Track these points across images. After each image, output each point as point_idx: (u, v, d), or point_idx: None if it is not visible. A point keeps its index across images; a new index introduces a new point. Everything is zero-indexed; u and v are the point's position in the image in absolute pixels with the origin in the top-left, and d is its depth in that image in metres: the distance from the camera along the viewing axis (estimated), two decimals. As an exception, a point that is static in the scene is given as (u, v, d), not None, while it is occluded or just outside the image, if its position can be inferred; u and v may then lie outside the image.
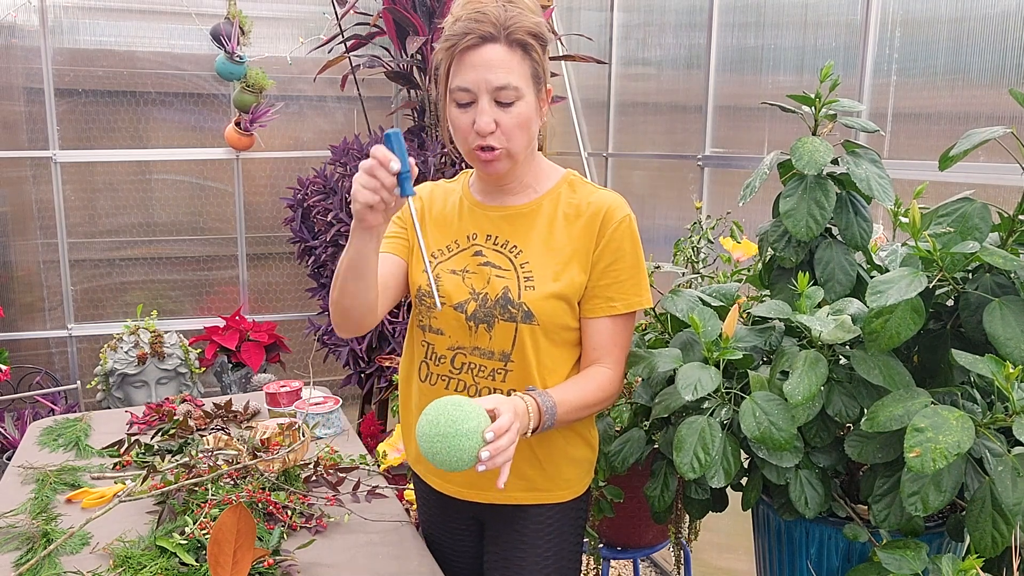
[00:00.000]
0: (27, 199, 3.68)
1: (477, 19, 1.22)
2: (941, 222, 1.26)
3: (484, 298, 1.33)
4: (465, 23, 1.22)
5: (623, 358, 1.38)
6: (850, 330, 1.27)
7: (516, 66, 1.23)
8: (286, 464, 1.67)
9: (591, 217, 1.32)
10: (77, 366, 3.82)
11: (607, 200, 1.34)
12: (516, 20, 1.22)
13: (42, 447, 1.95)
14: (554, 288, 1.31)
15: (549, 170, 1.40)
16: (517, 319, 1.32)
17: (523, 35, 1.23)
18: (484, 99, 1.23)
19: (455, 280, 1.36)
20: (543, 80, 1.29)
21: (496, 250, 1.35)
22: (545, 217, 1.35)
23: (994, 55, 1.75)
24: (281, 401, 2.10)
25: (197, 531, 1.42)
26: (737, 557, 2.59)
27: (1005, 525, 1.12)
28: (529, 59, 1.25)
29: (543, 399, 1.24)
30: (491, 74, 1.22)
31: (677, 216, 2.99)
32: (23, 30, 3.54)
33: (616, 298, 1.33)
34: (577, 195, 1.36)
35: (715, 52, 2.68)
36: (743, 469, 1.41)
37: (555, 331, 1.34)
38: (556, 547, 1.42)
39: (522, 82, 1.24)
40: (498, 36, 1.22)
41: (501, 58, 1.22)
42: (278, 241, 4.04)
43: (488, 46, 1.22)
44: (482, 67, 1.22)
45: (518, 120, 1.25)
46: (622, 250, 1.32)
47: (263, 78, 3.61)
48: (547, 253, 1.33)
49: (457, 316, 1.35)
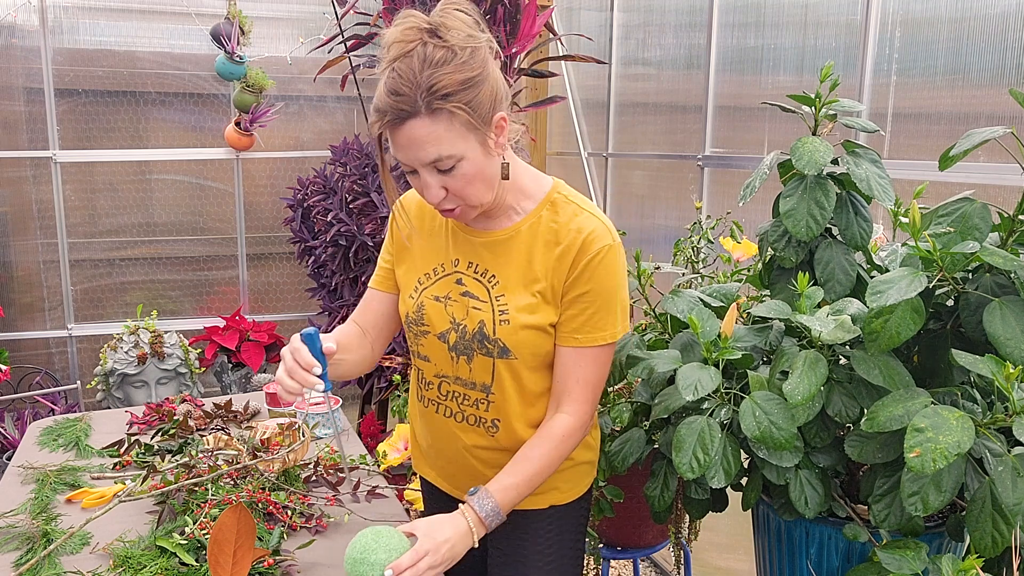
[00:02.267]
0: (27, 199, 3.68)
1: (396, 89, 1.13)
2: (941, 222, 1.26)
3: (463, 330, 1.31)
4: (385, 94, 1.14)
5: (587, 397, 1.31)
6: (850, 330, 1.27)
7: (444, 132, 1.14)
8: (286, 464, 1.67)
9: (568, 246, 1.26)
10: (77, 366, 3.83)
11: (587, 228, 1.26)
12: (434, 80, 1.12)
13: (42, 447, 1.95)
14: (528, 320, 1.27)
15: (533, 186, 1.32)
16: (493, 354, 1.29)
17: (443, 99, 1.12)
18: (423, 172, 1.18)
19: (438, 308, 1.34)
20: (486, 119, 1.18)
21: (476, 279, 1.32)
22: (524, 244, 1.29)
23: (994, 55, 1.75)
24: (281, 401, 2.10)
25: (197, 531, 1.42)
26: (737, 557, 2.59)
27: (1005, 525, 1.12)
28: (458, 116, 1.14)
29: (481, 505, 1.24)
30: (420, 152, 1.15)
31: (677, 216, 2.99)
32: (23, 30, 3.54)
33: (580, 331, 1.28)
34: (559, 218, 1.28)
35: (715, 52, 2.68)
36: (743, 469, 1.40)
37: (534, 360, 1.31)
38: (558, 547, 1.42)
39: (457, 143, 1.15)
40: (418, 109, 1.12)
41: (425, 133, 1.14)
42: (278, 241, 4.04)
43: (410, 122, 1.13)
44: (409, 147, 1.15)
45: (465, 180, 1.19)
46: (594, 282, 1.25)
47: (263, 78, 3.61)
48: (523, 283, 1.28)
49: (440, 345, 1.34)
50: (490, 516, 1.24)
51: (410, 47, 1.13)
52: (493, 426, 1.35)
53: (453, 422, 1.39)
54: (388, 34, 1.15)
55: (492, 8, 2.91)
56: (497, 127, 1.20)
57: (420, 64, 1.12)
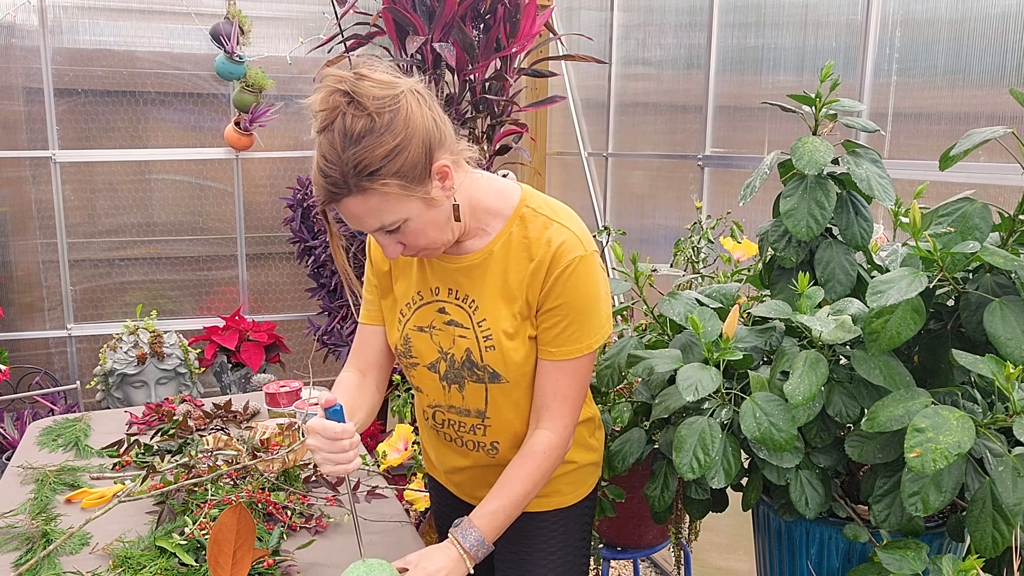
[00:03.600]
0: (27, 199, 3.68)
1: (324, 171, 1.10)
2: (941, 222, 1.26)
3: (452, 359, 1.30)
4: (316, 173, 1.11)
5: (566, 411, 1.29)
6: (850, 330, 1.27)
7: (379, 205, 1.11)
8: (286, 464, 1.67)
9: (540, 261, 1.23)
10: (76, 366, 3.82)
11: (556, 240, 1.22)
12: (358, 159, 1.08)
13: (41, 447, 1.95)
14: (513, 343, 1.26)
15: (500, 203, 1.27)
16: (484, 380, 1.28)
17: (370, 177, 1.09)
18: (375, 235, 1.18)
19: (424, 338, 1.32)
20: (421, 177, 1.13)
21: (457, 305, 1.29)
22: (498, 264, 1.26)
23: (994, 55, 1.75)
24: (281, 401, 2.09)
25: (197, 531, 1.42)
26: (737, 557, 2.59)
27: (1005, 525, 1.12)
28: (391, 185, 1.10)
29: (465, 536, 1.23)
30: (362, 224, 1.14)
31: (677, 216, 2.99)
32: (23, 30, 3.54)
33: (555, 343, 1.26)
34: (530, 232, 1.24)
35: (715, 52, 2.68)
36: (743, 469, 1.40)
37: (526, 379, 1.30)
38: (563, 548, 1.43)
39: (396, 210, 1.13)
40: (348, 189, 1.10)
41: (361, 210, 1.12)
42: (278, 241, 4.03)
43: (344, 202, 1.11)
44: (352, 219, 1.14)
45: (415, 234, 1.17)
46: (567, 295, 1.23)
47: (263, 78, 3.61)
48: (501, 305, 1.26)
49: (431, 376, 1.33)
50: (475, 547, 1.23)
51: (331, 118, 1.09)
52: (492, 448, 1.36)
53: (455, 446, 1.40)
54: (309, 101, 1.12)
55: (492, 8, 2.91)
56: (440, 175, 1.15)
57: (341, 140, 1.08)
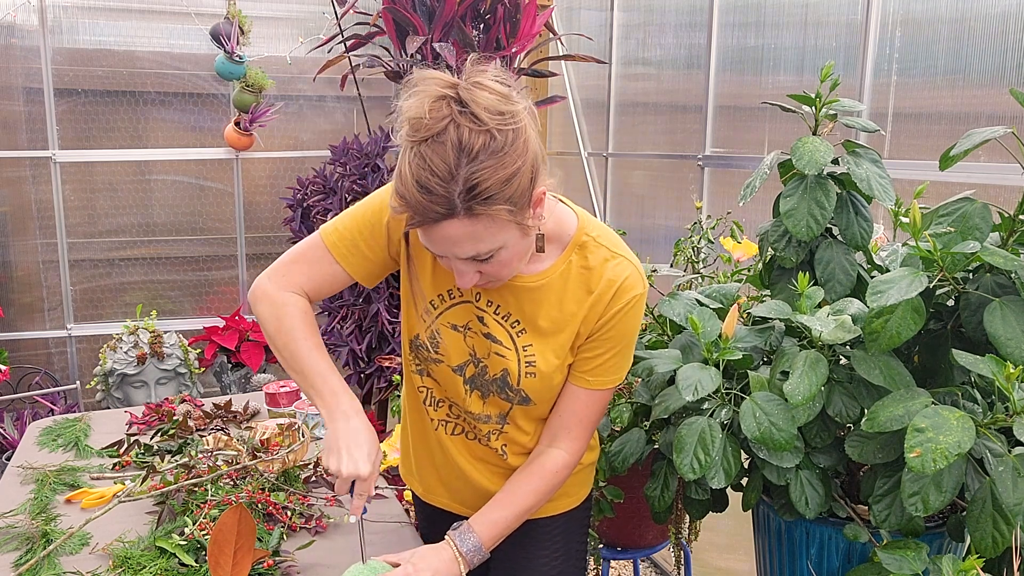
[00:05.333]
0: (27, 199, 3.68)
1: (427, 186, 0.95)
2: (942, 222, 1.26)
3: (483, 369, 1.24)
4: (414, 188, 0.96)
5: (585, 435, 1.28)
6: (850, 330, 1.27)
7: (483, 232, 1.00)
8: (286, 464, 1.67)
9: (600, 295, 1.18)
10: (76, 366, 3.82)
11: (621, 276, 1.18)
12: (474, 180, 0.95)
13: (41, 447, 1.95)
14: (557, 377, 1.23)
15: (556, 231, 1.20)
16: (513, 401, 1.25)
17: (485, 202, 0.96)
18: (457, 263, 1.06)
19: (456, 338, 1.24)
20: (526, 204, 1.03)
21: (498, 322, 1.22)
22: (554, 292, 1.19)
23: (994, 55, 1.75)
24: (281, 401, 2.09)
25: (197, 532, 1.42)
26: (737, 557, 2.59)
27: (1006, 525, 1.12)
28: (502, 212, 0.99)
29: (463, 540, 1.22)
30: (456, 249, 1.02)
31: (677, 216, 2.98)
32: (23, 30, 3.54)
33: (594, 373, 1.23)
34: (589, 262, 1.19)
35: (715, 52, 2.68)
36: (743, 469, 1.40)
37: (551, 403, 1.28)
38: (563, 552, 1.42)
39: (496, 237, 1.02)
40: (455, 211, 0.97)
41: (463, 232, 0.99)
42: (278, 241, 4.03)
43: (445, 224, 0.98)
44: (443, 243, 1.02)
45: (501, 265, 1.08)
46: (618, 329, 1.20)
47: (263, 78, 3.61)
48: (552, 334, 1.21)
49: (455, 377, 1.27)
50: (471, 552, 1.22)
51: (439, 127, 0.95)
52: (502, 452, 1.34)
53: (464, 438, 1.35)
54: (408, 106, 0.98)
55: (492, 8, 2.91)
56: (536, 203, 1.05)
57: (455, 155, 0.94)
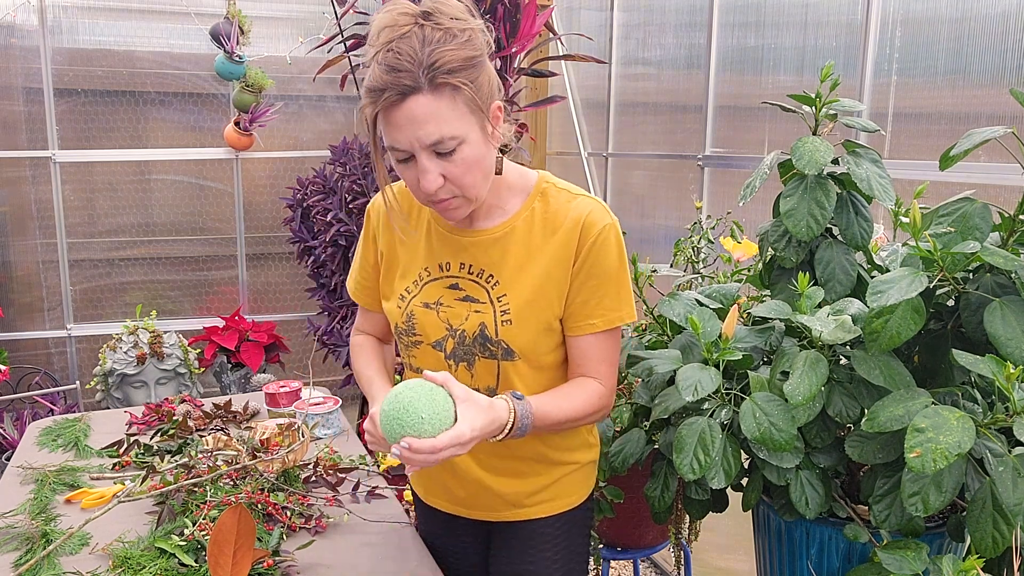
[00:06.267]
0: (26, 199, 3.68)
1: (393, 65, 1.06)
2: (942, 222, 1.26)
3: (461, 335, 1.26)
4: (382, 72, 1.07)
5: (611, 373, 1.29)
6: (850, 330, 1.27)
7: (447, 111, 1.08)
8: (285, 464, 1.67)
9: (569, 231, 1.22)
10: (76, 366, 3.82)
11: (584, 210, 1.22)
12: (438, 56, 1.06)
13: (41, 447, 1.95)
14: (532, 321, 1.24)
15: (519, 182, 1.27)
16: (497, 356, 1.25)
17: (448, 74, 1.07)
18: (422, 156, 1.11)
19: (429, 315, 1.28)
20: (486, 103, 1.13)
21: (472, 280, 1.26)
22: (520, 240, 1.25)
23: (994, 55, 1.75)
24: (281, 401, 2.09)
25: (196, 532, 1.42)
26: (737, 557, 2.59)
27: (1006, 525, 1.12)
28: (462, 92, 1.09)
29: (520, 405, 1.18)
30: (421, 131, 1.08)
31: (677, 216, 2.98)
32: (22, 30, 3.54)
33: (595, 315, 1.25)
34: (552, 206, 1.25)
35: (715, 52, 2.68)
36: (743, 469, 1.40)
37: (539, 359, 1.27)
38: (565, 551, 1.41)
39: (460, 124, 1.10)
40: (420, 85, 1.06)
41: (428, 110, 1.07)
42: (277, 241, 4.03)
43: (411, 100, 1.07)
44: (409, 125, 1.09)
45: (465, 166, 1.13)
46: (601, 264, 1.22)
47: (263, 78, 3.61)
48: (524, 281, 1.24)
49: (436, 355, 1.29)
50: (523, 417, 1.17)
51: (405, 29, 1.08)
52: None
53: None
54: (378, 19, 1.10)
55: (492, 8, 2.91)
56: (493, 116, 1.15)
57: (419, 43, 1.07)
